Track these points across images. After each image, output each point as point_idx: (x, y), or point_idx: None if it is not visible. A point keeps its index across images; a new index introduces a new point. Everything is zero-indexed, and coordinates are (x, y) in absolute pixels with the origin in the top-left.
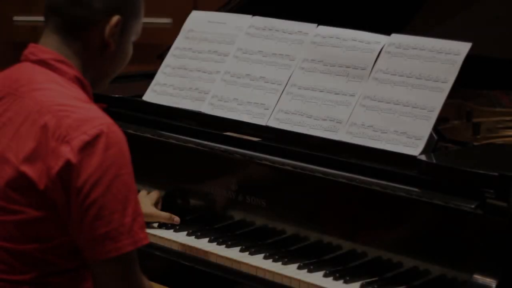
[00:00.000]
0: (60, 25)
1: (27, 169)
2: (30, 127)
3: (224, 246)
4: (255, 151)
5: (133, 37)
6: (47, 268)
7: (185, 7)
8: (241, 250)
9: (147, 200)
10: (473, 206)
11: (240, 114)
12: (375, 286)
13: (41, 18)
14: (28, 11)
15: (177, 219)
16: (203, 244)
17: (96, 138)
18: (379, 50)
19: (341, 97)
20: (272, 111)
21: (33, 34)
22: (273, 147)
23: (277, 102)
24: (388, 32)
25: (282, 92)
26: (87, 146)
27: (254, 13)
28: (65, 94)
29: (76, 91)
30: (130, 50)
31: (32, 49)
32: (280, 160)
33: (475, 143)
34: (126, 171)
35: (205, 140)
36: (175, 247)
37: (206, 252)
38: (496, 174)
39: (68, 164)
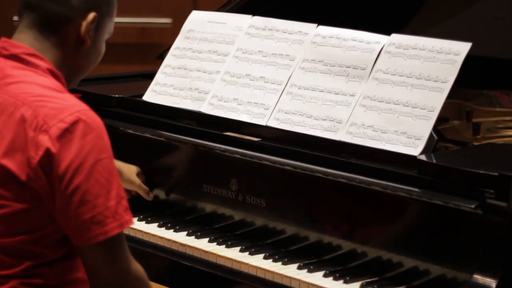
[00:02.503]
0: (36, 21)
1: (6, 162)
2: (7, 121)
3: (224, 246)
4: (255, 151)
5: (106, 35)
6: (35, 259)
7: (185, 7)
8: (241, 250)
9: (132, 168)
10: (473, 206)
11: (240, 114)
12: (375, 286)
13: None
14: None
15: (151, 196)
16: (203, 244)
17: (73, 124)
18: (379, 50)
19: (341, 97)
20: (272, 111)
21: None
22: (273, 147)
23: (277, 102)
24: (388, 32)
25: (282, 92)
26: (65, 134)
27: (254, 13)
28: (39, 85)
29: (50, 82)
30: (103, 48)
31: (4, 44)
32: (280, 160)
33: (475, 143)
34: (106, 155)
35: (205, 140)
36: (175, 247)
37: (206, 252)
38: (496, 174)
39: (48, 153)
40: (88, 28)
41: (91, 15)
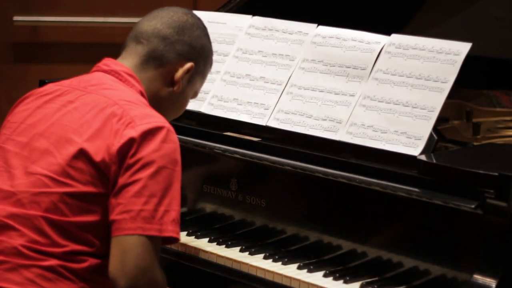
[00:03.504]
0: (141, 52)
1: (87, 146)
2: (97, 114)
3: (224, 246)
4: (255, 151)
5: (192, 93)
6: (82, 246)
7: (185, 7)
8: (241, 250)
9: None
10: (473, 206)
11: (240, 114)
12: (375, 286)
13: (41, 18)
14: (28, 11)
15: None
16: (203, 244)
17: (158, 129)
18: (379, 50)
19: (341, 97)
20: (272, 111)
21: (33, 34)
22: (273, 147)
23: (277, 102)
24: (388, 32)
25: (282, 92)
26: (150, 133)
27: (254, 13)
28: (131, 95)
29: (141, 98)
30: (187, 101)
31: (107, 61)
32: (280, 160)
33: (475, 143)
34: (176, 169)
35: (205, 140)
36: (175, 247)
37: (206, 252)
38: (496, 174)
39: (130, 141)
40: (183, 75)
41: (189, 64)
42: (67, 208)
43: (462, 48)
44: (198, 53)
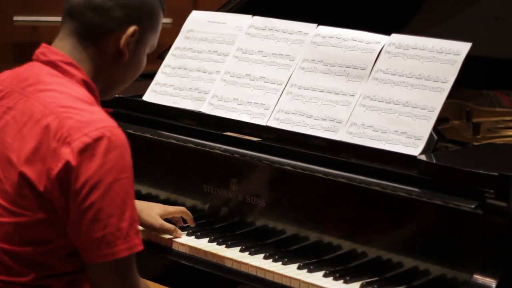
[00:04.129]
0: (77, 30)
1: (27, 170)
2: (33, 127)
3: (224, 246)
4: (255, 151)
5: (148, 49)
6: (45, 270)
7: (185, 7)
8: (241, 250)
9: (155, 208)
10: (473, 206)
11: (240, 114)
12: (375, 286)
13: (41, 18)
14: (28, 11)
15: (180, 233)
16: (203, 244)
17: (97, 140)
18: (379, 50)
19: (341, 97)
20: (272, 111)
21: (33, 34)
22: (273, 147)
23: (277, 102)
24: (388, 32)
25: (282, 92)
26: (88, 149)
27: (254, 13)
28: (70, 96)
29: (82, 93)
30: (143, 61)
31: (43, 50)
32: (280, 160)
33: (475, 143)
34: (126, 175)
35: (205, 140)
36: (175, 247)
37: (206, 252)
38: (496, 174)
39: (67, 166)
40: (128, 41)
41: (132, 29)
42: (21, 237)
43: (462, 48)
44: (139, 12)
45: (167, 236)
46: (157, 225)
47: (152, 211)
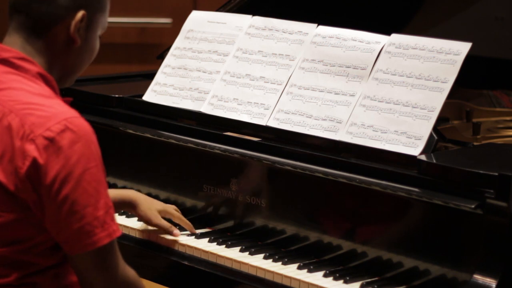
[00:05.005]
0: (25, 23)
1: None
2: None
3: (224, 246)
4: (255, 151)
5: (100, 31)
6: (27, 268)
7: (185, 7)
8: (241, 250)
9: (155, 204)
10: (473, 206)
11: (240, 114)
12: (375, 286)
13: None
14: None
15: (176, 232)
16: (203, 244)
17: (60, 133)
18: (379, 50)
19: (341, 97)
20: (272, 111)
21: None
22: (273, 147)
23: (277, 102)
24: (388, 32)
25: (282, 92)
26: (52, 143)
27: (254, 13)
28: (28, 92)
29: (39, 87)
30: (97, 45)
31: None
32: (280, 160)
33: (475, 143)
34: (94, 163)
35: (205, 140)
36: (175, 247)
37: (206, 252)
38: (496, 174)
39: (35, 163)
40: (78, 27)
41: (80, 14)
42: None
43: (462, 48)
44: None
45: (167, 237)
46: (154, 218)
47: (152, 205)
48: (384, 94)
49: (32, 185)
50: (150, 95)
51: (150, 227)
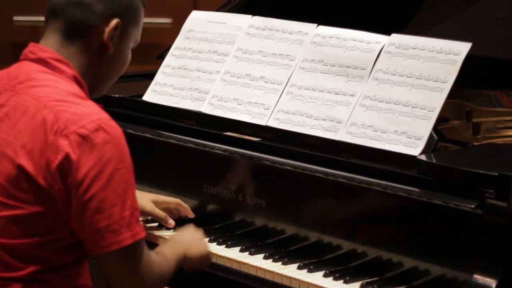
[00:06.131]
0: (61, 27)
1: (25, 163)
2: (29, 122)
3: (224, 246)
4: (255, 151)
5: (132, 43)
6: (41, 264)
7: (185, 7)
8: (241, 250)
9: (146, 195)
10: (473, 206)
11: (240, 114)
12: (375, 286)
13: (41, 18)
14: (28, 11)
15: (171, 222)
16: None
17: (94, 132)
18: (379, 50)
19: (341, 97)
20: (272, 111)
21: (33, 34)
22: (273, 147)
23: (277, 102)
24: (388, 32)
25: (282, 92)
26: (86, 140)
27: (254, 13)
28: (62, 90)
29: (74, 88)
30: (128, 56)
31: (32, 48)
32: (280, 160)
33: (475, 143)
34: (125, 165)
35: (205, 140)
36: None
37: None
38: (496, 174)
39: (67, 158)
40: (111, 35)
41: (114, 22)
42: (18, 230)
43: (462, 48)
44: (120, 5)
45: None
46: (148, 208)
47: (144, 196)
48: (384, 94)
49: (62, 180)
50: (150, 95)
51: (148, 225)
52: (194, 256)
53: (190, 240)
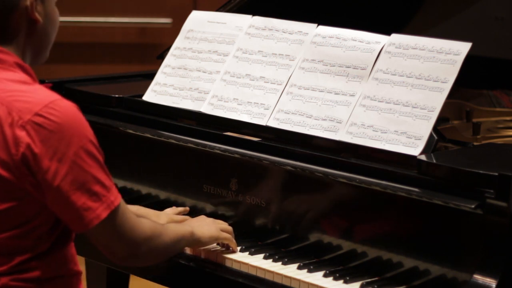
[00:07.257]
0: None
1: None
2: None
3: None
4: (255, 151)
5: (54, 3)
6: (25, 253)
7: (185, 7)
8: (241, 250)
9: (163, 217)
10: (473, 206)
11: (240, 114)
12: (375, 286)
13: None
14: None
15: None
16: None
17: (48, 117)
18: (379, 50)
19: (341, 97)
20: (272, 111)
21: None
22: (273, 147)
23: (277, 102)
24: (388, 32)
25: (282, 92)
26: (42, 127)
27: (254, 13)
28: (9, 80)
29: (18, 75)
30: (57, 14)
31: None
32: (280, 160)
33: (475, 143)
34: (86, 140)
35: (205, 140)
36: None
37: (206, 252)
38: (496, 174)
39: (29, 149)
40: (34, 7)
41: None
42: None
43: (462, 48)
44: None
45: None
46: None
47: (158, 219)
48: (384, 94)
49: (29, 170)
50: (150, 95)
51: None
52: (203, 236)
53: (199, 222)
